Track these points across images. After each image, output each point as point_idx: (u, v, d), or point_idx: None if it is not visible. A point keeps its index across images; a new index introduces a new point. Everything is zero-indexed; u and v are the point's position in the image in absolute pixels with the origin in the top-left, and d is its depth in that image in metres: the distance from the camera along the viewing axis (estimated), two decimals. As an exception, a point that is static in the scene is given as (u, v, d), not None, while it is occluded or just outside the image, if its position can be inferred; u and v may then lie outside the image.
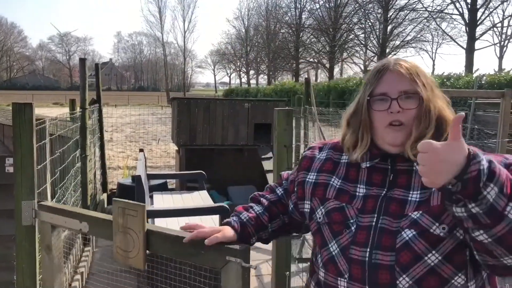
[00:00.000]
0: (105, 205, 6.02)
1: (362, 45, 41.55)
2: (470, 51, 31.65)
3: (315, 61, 46.30)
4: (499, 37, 38.05)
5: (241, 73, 66.11)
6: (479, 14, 31.98)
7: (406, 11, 36.77)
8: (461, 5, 32.80)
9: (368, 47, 40.89)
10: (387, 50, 38.37)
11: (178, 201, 4.84)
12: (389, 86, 1.14)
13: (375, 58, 39.69)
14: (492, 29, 34.85)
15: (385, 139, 1.15)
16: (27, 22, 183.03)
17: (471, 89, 14.11)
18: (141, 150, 6.15)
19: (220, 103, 6.48)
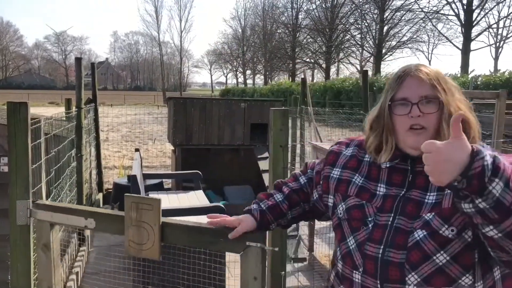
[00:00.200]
0: (101, 205, 6.00)
1: (358, 46, 41.71)
2: (465, 52, 31.86)
3: (312, 61, 46.40)
4: (495, 38, 38.30)
5: (238, 73, 66.13)
6: (475, 15, 32.21)
7: (402, 12, 37.01)
8: (457, 6, 33.08)
9: (364, 47, 41.05)
10: (383, 50, 38.54)
11: (174, 201, 4.82)
12: (410, 91, 1.17)
13: (371, 58, 39.84)
14: (487, 30, 35.13)
15: (407, 143, 1.19)
16: (23, 21, 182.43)
17: (467, 90, 14.17)
18: (137, 149, 6.15)
19: (216, 103, 6.47)
